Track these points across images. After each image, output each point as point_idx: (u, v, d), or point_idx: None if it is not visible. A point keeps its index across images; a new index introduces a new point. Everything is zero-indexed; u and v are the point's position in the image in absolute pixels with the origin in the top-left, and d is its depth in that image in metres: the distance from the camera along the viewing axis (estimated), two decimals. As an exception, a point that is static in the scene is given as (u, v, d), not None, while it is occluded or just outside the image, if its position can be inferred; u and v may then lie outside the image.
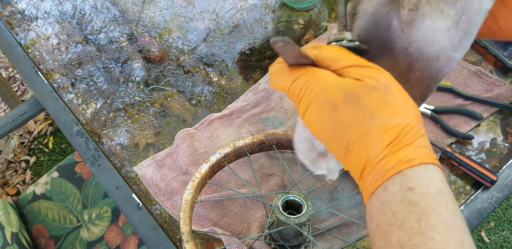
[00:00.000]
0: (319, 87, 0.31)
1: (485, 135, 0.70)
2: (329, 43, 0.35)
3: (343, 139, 0.30)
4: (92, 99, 0.79)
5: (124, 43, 0.85)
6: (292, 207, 0.57)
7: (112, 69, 0.82)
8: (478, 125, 0.71)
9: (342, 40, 0.34)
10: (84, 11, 0.91)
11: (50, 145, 1.68)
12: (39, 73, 0.82)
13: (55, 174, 1.01)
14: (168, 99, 0.77)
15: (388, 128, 0.29)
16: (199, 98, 0.77)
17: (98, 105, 0.78)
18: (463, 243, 0.26)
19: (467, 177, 0.66)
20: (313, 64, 0.34)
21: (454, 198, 0.28)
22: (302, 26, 0.85)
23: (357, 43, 0.34)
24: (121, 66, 0.83)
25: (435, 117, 0.70)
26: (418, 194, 0.27)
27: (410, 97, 0.31)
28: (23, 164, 1.64)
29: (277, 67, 0.35)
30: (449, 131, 0.69)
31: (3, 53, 1.75)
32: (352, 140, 0.30)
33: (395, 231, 0.27)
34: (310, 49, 0.33)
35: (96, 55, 0.85)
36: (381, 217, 0.28)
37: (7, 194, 1.57)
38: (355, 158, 0.30)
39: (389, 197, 0.28)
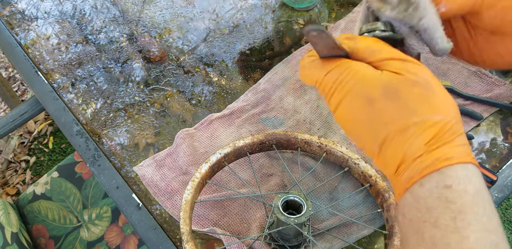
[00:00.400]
0: (354, 80, 0.30)
1: (485, 135, 0.70)
2: (361, 34, 0.34)
3: (379, 135, 0.29)
4: (92, 99, 0.79)
5: (124, 43, 0.85)
6: (292, 207, 0.57)
7: (112, 69, 0.82)
8: (478, 125, 0.71)
9: (375, 30, 0.33)
10: (84, 11, 0.91)
11: (50, 145, 1.68)
12: (39, 73, 0.82)
13: (55, 174, 1.01)
14: (168, 99, 0.78)
15: (428, 125, 0.28)
16: (199, 98, 0.77)
17: (98, 105, 0.78)
18: (498, 245, 0.26)
19: (467, 177, 0.66)
20: (347, 56, 0.32)
21: (491, 199, 0.28)
22: (302, 26, 0.85)
23: (390, 32, 0.33)
24: (121, 66, 0.83)
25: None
26: (456, 192, 0.27)
27: None
28: (23, 164, 1.64)
29: (309, 60, 0.33)
30: (449, 131, 0.69)
31: (3, 53, 1.75)
32: (390, 136, 0.29)
33: (428, 228, 0.26)
34: (344, 40, 0.32)
35: (96, 55, 0.85)
36: (415, 213, 0.27)
37: (7, 194, 1.57)
38: (391, 154, 0.29)
39: (425, 193, 0.27)
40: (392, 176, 0.30)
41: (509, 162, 0.67)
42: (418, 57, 0.35)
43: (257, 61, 0.81)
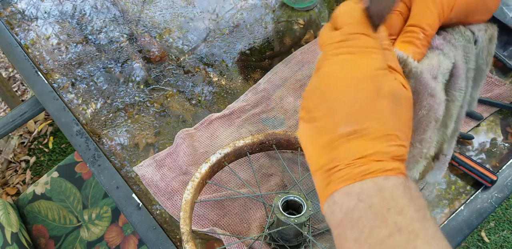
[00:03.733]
0: (376, 64, 0.31)
1: (485, 135, 0.70)
2: None
3: (360, 123, 0.30)
4: (92, 99, 0.79)
5: (124, 43, 0.85)
6: (292, 207, 0.57)
7: (112, 69, 0.82)
8: (478, 125, 0.71)
9: None
10: (84, 11, 0.91)
11: (50, 145, 1.68)
12: (39, 73, 0.82)
13: (55, 174, 1.01)
14: (168, 99, 0.78)
15: (399, 144, 0.30)
16: (199, 98, 0.77)
17: (98, 105, 0.78)
18: (448, 246, 0.28)
19: (467, 177, 0.66)
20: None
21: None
22: (302, 26, 0.85)
23: None
24: (121, 66, 0.83)
25: (435, 117, 0.70)
26: (416, 193, 0.29)
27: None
28: (23, 164, 1.64)
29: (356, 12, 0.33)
30: (449, 131, 0.69)
31: (3, 53, 1.75)
32: (369, 130, 0.30)
33: (393, 215, 0.28)
34: None
35: (96, 55, 0.85)
36: (378, 200, 0.28)
37: (7, 194, 1.57)
38: (359, 146, 0.30)
39: (391, 186, 0.29)
40: (340, 161, 0.30)
41: (509, 162, 0.67)
42: None
43: (257, 61, 0.81)
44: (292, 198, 0.55)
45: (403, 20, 0.37)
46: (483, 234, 1.44)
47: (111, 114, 0.77)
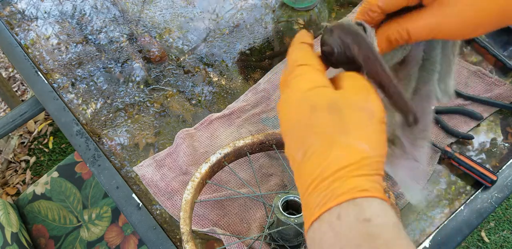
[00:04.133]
0: (311, 85, 0.31)
1: (485, 135, 0.70)
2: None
3: (305, 143, 0.29)
4: (92, 99, 0.79)
5: (124, 43, 0.85)
6: (292, 207, 0.57)
7: (112, 69, 0.82)
8: (478, 125, 0.71)
9: None
10: (84, 11, 0.91)
11: (50, 145, 1.68)
12: (39, 73, 0.82)
13: (55, 174, 1.01)
14: (168, 99, 0.78)
15: (354, 151, 0.28)
16: (199, 98, 0.77)
17: (98, 105, 0.78)
18: None
19: (467, 177, 0.66)
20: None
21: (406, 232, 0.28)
22: (302, 26, 0.85)
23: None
24: (121, 66, 0.83)
25: (435, 117, 0.70)
26: (375, 227, 0.26)
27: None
28: (23, 164, 1.64)
29: (302, 44, 0.35)
30: (449, 131, 0.69)
31: (3, 53, 1.75)
32: (314, 146, 0.28)
33: None
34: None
35: (96, 55, 0.85)
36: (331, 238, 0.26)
37: (7, 194, 1.57)
38: (309, 167, 0.28)
39: (345, 229, 0.26)
40: (304, 194, 0.29)
41: (509, 162, 0.67)
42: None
43: (257, 61, 0.81)
44: (292, 198, 0.55)
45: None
46: (483, 234, 1.44)
47: (111, 114, 0.77)
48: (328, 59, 0.34)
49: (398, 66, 0.37)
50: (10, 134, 1.67)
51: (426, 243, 0.62)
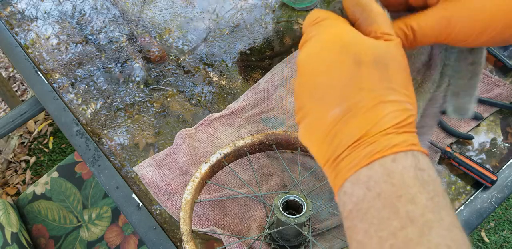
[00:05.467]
0: (349, 37, 0.29)
1: (485, 135, 0.70)
2: None
3: (350, 99, 0.28)
4: (92, 99, 0.79)
5: (124, 43, 0.85)
6: (292, 207, 0.57)
7: (112, 69, 0.82)
8: (478, 125, 0.71)
9: None
10: (84, 11, 0.91)
11: (50, 145, 1.68)
12: (39, 73, 0.82)
13: (55, 174, 1.01)
14: (168, 99, 0.78)
15: (402, 109, 0.28)
16: (199, 98, 0.77)
17: (98, 105, 0.78)
18: (464, 238, 0.26)
19: (467, 177, 0.66)
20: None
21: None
22: (302, 26, 0.85)
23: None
24: (121, 66, 0.83)
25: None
26: (428, 176, 0.26)
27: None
28: (23, 164, 1.64)
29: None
30: (449, 131, 0.69)
31: (3, 53, 1.75)
32: (362, 103, 0.27)
33: (404, 203, 0.25)
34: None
35: (96, 55, 0.85)
36: (387, 187, 0.26)
37: (7, 194, 1.57)
38: (356, 123, 0.28)
39: (401, 169, 0.26)
40: (351, 145, 0.28)
41: (509, 162, 0.67)
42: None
43: (257, 61, 0.81)
44: (292, 198, 0.55)
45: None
46: (483, 234, 1.44)
47: (111, 114, 0.77)
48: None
49: (423, 68, 0.36)
50: (10, 134, 1.67)
51: (426, 243, 0.62)
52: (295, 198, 0.55)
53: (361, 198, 0.27)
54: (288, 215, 0.52)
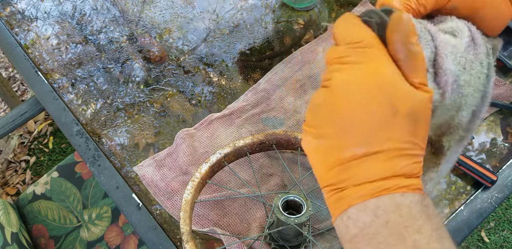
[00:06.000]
0: (390, 77, 0.29)
1: (485, 135, 0.70)
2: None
3: (375, 144, 0.29)
4: (92, 99, 0.79)
5: (124, 43, 0.85)
6: (292, 207, 0.57)
7: (112, 69, 0.82)
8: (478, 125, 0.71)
9: None
10: (84, 11, 0.91)
11: (50, 145, 1.68)
12: (39, 73, 0.82)
13: (55, 174, 1.01)
14: (168, 99, 0.78)
15: (416, 162, 0.29)
16: (199, 98, 0.77)
17: (98, 105, 0.78)
18: None
19: (467, 177, 0.66)
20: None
21: None
22: (302, 26, 0.85)
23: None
24: (121, 66, 0.83)
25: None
26: (433, 212, 0.29)
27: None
28: (23, 164, 1.64)
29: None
30: (449, 131, 0.69)
31: (3, 53, 1.75)
32: (384, 152, 0.29)
33: (411, 233, 0.27)
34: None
35: (96, 55, 0.85)
36: (395, 216, 0.28)
37: (7, 194, 1.57)
38: (374, 168, 0.29)
39: (409, 203, 0.28)
40: (353, 182, 0.29)
41: (509, 162, 0.67)
42: None
43: (257, 61, 0.81)
44: (292, 198, 0.55)
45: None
46: (483, 234, 1.44)
47: (111, 114, 0.77)
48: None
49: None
50: (10, 134, 1.67)
51: (426, 243, 0.62)
52: (295, 198, 0.55)
53: (368, 224, 0.28)
54: (288, 215, 0.52)
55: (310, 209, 0.53)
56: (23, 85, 1.82)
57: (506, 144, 0.69)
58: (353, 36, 0.30)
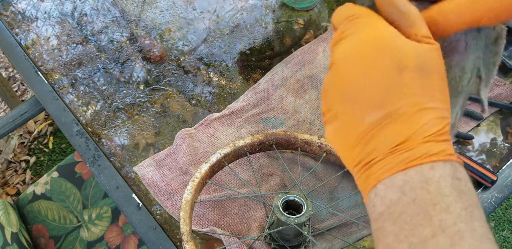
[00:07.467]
0: (388, 40, 0.28)
1: (485, 135, 0.70)
2: None
3: (390, 104, 0.27)
4: (92, 100, 0.79)
5: (124, 43, 0.85)
6: (292, 207, 0.57)
7: (112, 69, 0.82)
8: (478, 125, 0.71)
9: None
10: (84, 11, 0.91)
11: (50, 145, 1.68)
12: (39, 73, 0.82)
13: (55, 174, 1.01)
14: (168, 99, 0.78)
15: (441, 116, 0.27)
16: (199, 98, 0.77)
17: (98, 105, 0.78)
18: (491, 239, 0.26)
19: (467, 177, 0.66)
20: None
21: None
22: (302, 26, 0.85)
23: None
24: (121, 66, 0.83)
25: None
26: (465, 186, 0.27)
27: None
28: (23, 164, 1.64)
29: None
30: (449, 131, 0.69)
31: (3, 53, 1.75)
32: (401, 110, 0.27)
33: (438, 211, 0.25)
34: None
35: (96, 55, 0.85)
36: (423, 194, 0.26)
37: (7, 194, 1.57)
38: (396, 130, 0.27)
39: (439, 177, 0.26)
40: (388, 151, 0.28)
41: (509, 162, 0.67)
42: None
43: (257, 61, 0.81)
44: (292, 198, 0.55)
45: None
46: (483, 234, 1.44)
47: (111, 114, 0.77)
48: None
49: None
50: (10, 134, 1.67)
51: (426, 243, 0.62)
52: (295, 198, 0.55)
53: (394, 202, 0.27)
54: (288, 215, 0.52)
55: (310, 209, 0.53)
56: (23, 85, 1.82)
57: (506, 144, 0.69)
58: (347, 13, 0.30)
